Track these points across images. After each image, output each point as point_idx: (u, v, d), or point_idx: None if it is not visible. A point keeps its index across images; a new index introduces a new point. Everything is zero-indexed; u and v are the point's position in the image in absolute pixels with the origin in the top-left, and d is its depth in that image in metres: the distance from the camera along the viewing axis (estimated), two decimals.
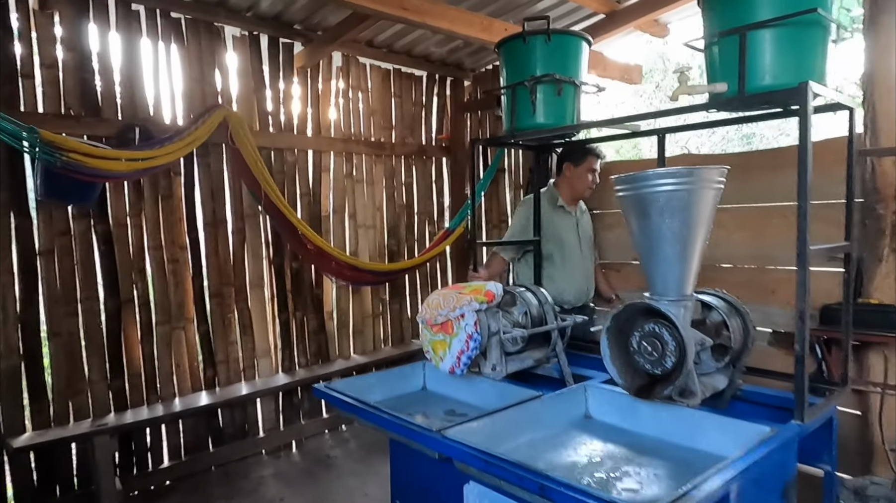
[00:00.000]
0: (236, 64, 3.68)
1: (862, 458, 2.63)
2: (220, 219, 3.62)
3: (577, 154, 3.04)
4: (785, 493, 1.63)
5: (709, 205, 1.74)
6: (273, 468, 3.63)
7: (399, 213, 4.62)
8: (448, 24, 3.29)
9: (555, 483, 1.30)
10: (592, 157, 3.03)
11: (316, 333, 4.11)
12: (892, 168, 2.54)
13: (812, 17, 1.67)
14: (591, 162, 3.03)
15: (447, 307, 2.08)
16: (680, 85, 1.85)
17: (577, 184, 3.06)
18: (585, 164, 3.02)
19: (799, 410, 1.67)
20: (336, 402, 2.10)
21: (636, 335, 1.80)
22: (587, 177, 3.03)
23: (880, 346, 2.55)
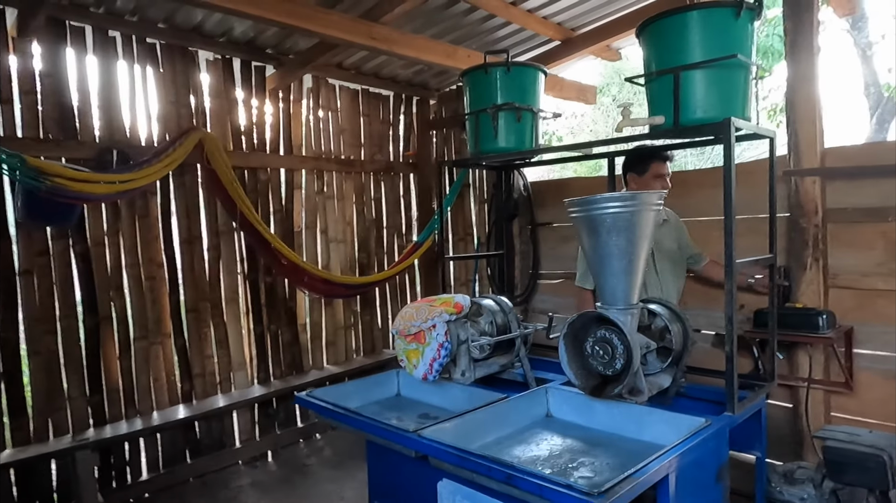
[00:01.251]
0: (210, 86, 3.80)
1: (793, 446, 2.91)
2: (195, 236, 3.73)
3: (640, 163, 2.75)
4: (719, 476, 1.87)
5: (649, 224, 1.98)
6: (251, 477, 3.73)
7: (369, 227, 4.78)
8: (414, 52, 3.50)
9: (519, 472, 1.50)
10: (657, 162, 2.71)
11: (290, 345, 4.23)
12: (813, 186, 2.85)
13: (734, 61, 1.94)
14: (656, 168, 2.70)
15: (420, 318, 2.27)
16: (623, 118, 2.10)
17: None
18: (651, 171, 2.70)
19: (730, 403, 1.91)
20: (318, 409, 2.25)
21: (590, 341, 2.02)
22: (655, 184, 2.70)
23: (806, 346, 2.84)
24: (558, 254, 4.12)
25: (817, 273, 2.85)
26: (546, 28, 3.94)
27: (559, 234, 4.10)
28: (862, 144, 5.99)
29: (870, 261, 2.78)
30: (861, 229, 2.79)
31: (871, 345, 2.78)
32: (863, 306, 2.79)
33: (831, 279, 2.86)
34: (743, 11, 1.94)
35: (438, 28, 3.85)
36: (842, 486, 2.28)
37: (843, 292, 2.84)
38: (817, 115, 2.86)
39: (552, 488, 1.41)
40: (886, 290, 2.74)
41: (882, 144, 4.26)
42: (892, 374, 2.73)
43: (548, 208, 4.16)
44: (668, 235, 2.84)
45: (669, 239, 2.85)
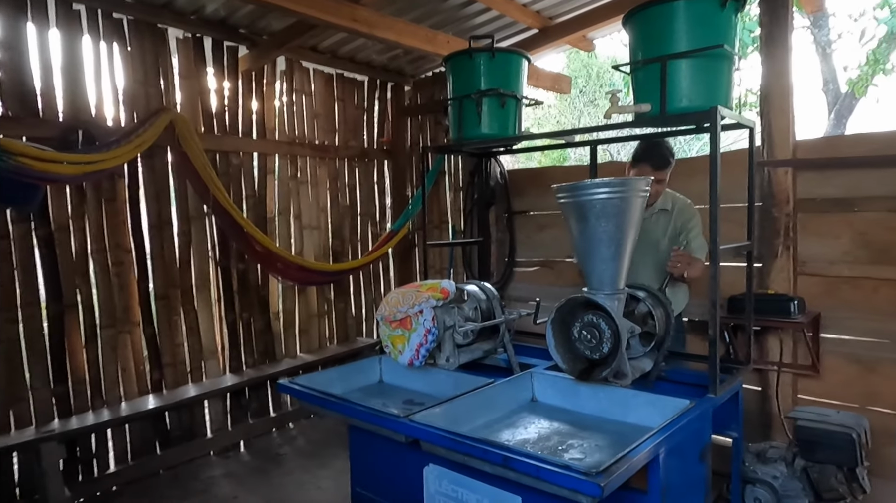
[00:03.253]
0: (180, 66, 3.67)
1: (763, 427, 3.02)
2: (165, 221, 3.61)
3: (634, 157, 2.72)
4: (702, 456, 1.93)
5: (637, 211, 2.00)
6: (223, 468, 3.66)
7: (343, 214, 4.72)
8: (395, 36, 3.45)
9: (516, 454, 1.51)
10: (643, 165, 2.66)
11: (262, 333, 4.16)
12: (785, 177, 2.94)
13: (720, 51, 1.97)
14: (641, 169, 2.67)
15: (406, 304, 2.25)
16: (611, 105, 2.11)
17: None
18: (637, 170, 2.69)
19: (712, 385, 1.97)
20: (302, 396, 2.22)
21: (577, 325, 2.05)
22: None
23: (777, 331, 2.94)
24: (534, 242, 4.15)
25: (787, 260, 2.95)
26: (525, 16, 3.94)
27: (535, 222, 4.13)
28: (830, 137, 6.23)
29: (837, 250, 2.89)
30: (829, 219, 2.90)
31: (837, 329, 2.90)
32: (829, 293, 2.91)
33: (800, 266, 2.97)
34: (728, 2, 1.96)
35: (418, 12, 3.80)
36: (812, 464, 2.38)
37: (811, 279, 2.95)
38: (790, 109, 2.95)
39: (550, 469, 1.42)
40: (852, 278, 2.85)
41: (848, 138, 4.42)
42: (856, 358, 2.85)
43: (524, 196, 4.18)
44: (662, 227, 2.78)
45: (661, 230, 2.79)
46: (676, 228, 2.77)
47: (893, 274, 2.73)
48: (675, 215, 2.76)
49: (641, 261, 2.73)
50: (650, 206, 2.76)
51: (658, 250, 2.74)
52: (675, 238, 2.77)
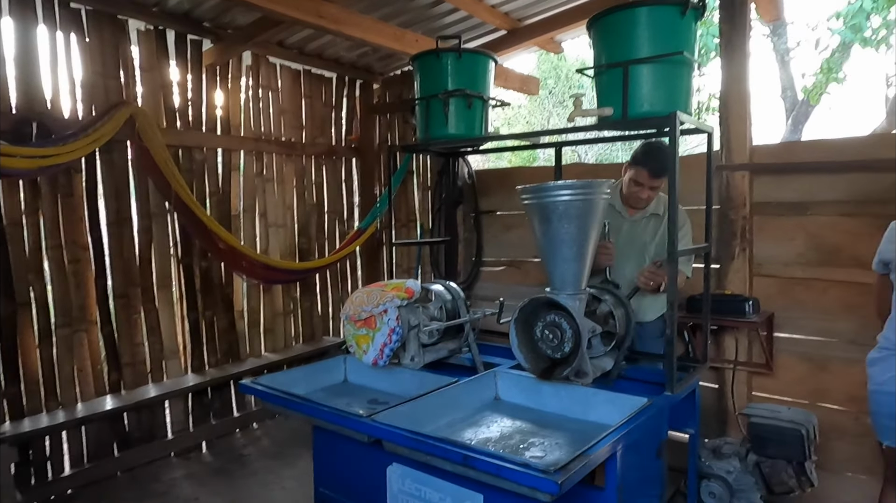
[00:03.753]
0: (141, 58, 3.58)
1: (719, 424, 3.11)
2: (124, 217, 3.52)
3: (631, 159, 2.66)
4: (659, 452, 1.97)
5: (599, 212, 2.04)
6: (184, 469, 3.59)
7: (310, 212, 4.68)
8: (362, 34, 3.43)
9: (476, 453, 1.53)
10: (638, 168, 2.59)
11: (226, 332, 4.09)
12: (742, 181, 3.03)
13: (679, 57, 2.02)
14: (637, 172, 2.59)
15: (371, 304, 2.25)
16: (575, 108, 2.14)
17: (625, 187, 2.71)
18: (633, 172, 2.62)
19: (670, 384, 2.02)
20: (265, 397, 2.20)
21: (539, 325, 2.08)
22: (630, 185, 2.65)
23: (733, 330, 3.03)
24: (501, 242, 4.18)
25: (744, 262, 3.04)
26: (494, 17, 3.96)
27: (502, 221, 4.16)
28: (786, 143, 6.43)
29: (790, 252, 3.00)
30: (783, 222, 3.01)
31: (790, 329, 3.01)
32: (783, 293, 3.01)
33: (756, 268, 3.06)
34: (688, 10, 2.02)
35: (386, 10, 3.78)
36: (764, 459, 2.47)
37: (766, 280, 3.05)
38: (748, 115, 3.04)
39: (509, 467, 1.44)
40: (804, 279, 2.96)
41: (802, 143, 4.57)
42: (807, 356, 2.96)
43: (491, 196, 4.21)
44: (648, 233, 2.73)
45: (647, 235, 2.74)
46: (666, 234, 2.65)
47: (843, 275, 2.84)
48: (653, 226, 2.74)
49: (627, 263, 2.73)
50: (641, 210, 2.73)
51: (645, 254, 2.72)
52: (664, 244, 2.64)
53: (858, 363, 2.81)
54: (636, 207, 2.72)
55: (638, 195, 2.64)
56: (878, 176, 2.76)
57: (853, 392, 2.84)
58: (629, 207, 2.75)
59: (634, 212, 2.74)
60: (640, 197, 2.64)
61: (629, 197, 2.69)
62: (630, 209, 2.75)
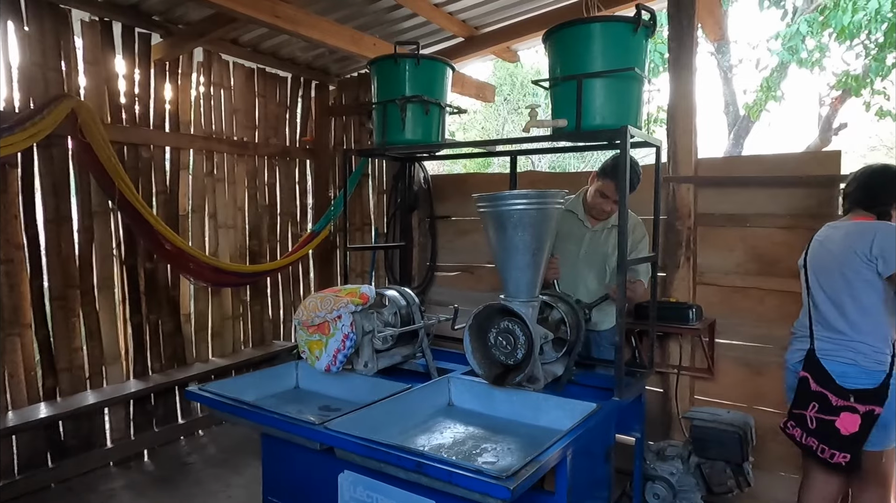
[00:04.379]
0: (85, 50, 3.43)
1: (663, 427, 3.22)
2: (64, 216, 3.36)
3: (600, 168, 2.70)
4: (607, 456, 2.03)
5: (552, 221, 2.09)
6: (124, 479, 3.44)
7: (261, 213, 4.58)
8: (319, 35, 3.39)
9: (429, 460, 1.53)
10: (606, 181, 2.62)
11: (172, 336, 3.96)
12: (687, 193, 3.15)
13: (631, 73, 2.09)
14: (603, 185, 2.63)
15: (325, 309, 2.22)
16: (531, 119, 2.18)
17: (589, 197, 2.74)
18: (599, 183, 2.66)
19: (618, 389, 2.08)
20: (212, 404, 2.14)
21: (493, 331, 2.10)
22: (596, 196, 2.69)
23: (678, 336, 3.15)
24: (456, 247, 4.21)
25: (688, 271, 3.17)
26: (451, 24, 3.99)
27: (457, 227, 4.19)
28: (728, 157, 6.73)
29: (731, 262, 3.13)
30: (725, 233, 3.14)
31: (729, 335, 3.14)
32: (723, 301, 3.15)
33: (699, 276, 3.19)
34: (640, 28, 2.09)
35: (344, 12, 3.76)
36: (705, 460, 2.57)
37: (708, 288, 3.18)
38: (693, 129, 3.16)
39: (462, 474, 1.45)
40: (743, 288, 3.10)
41: (744, 158, 4.80)
42: (745, 362, 3.10)
43: (446, 202, 4.24)
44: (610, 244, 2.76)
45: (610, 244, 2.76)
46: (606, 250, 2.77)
47: (779, 285, 2.99)
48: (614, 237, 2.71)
49: (588, 273, 2.79)
50: (604, 221, 2.78)
51: (606, 264, 2.75)
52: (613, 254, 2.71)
53: None
54: (598, 218, 2.78)
55: (602, 207, 2.69)
56: (812, 191, 2.92)
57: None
58: (591, 218, 2.80)
59: (596, 222, 2.80)
60: (603, 209, 2.70)
61: (593, 207, 2.74)
62: (592, 220, 2.80)
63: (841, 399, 2.18)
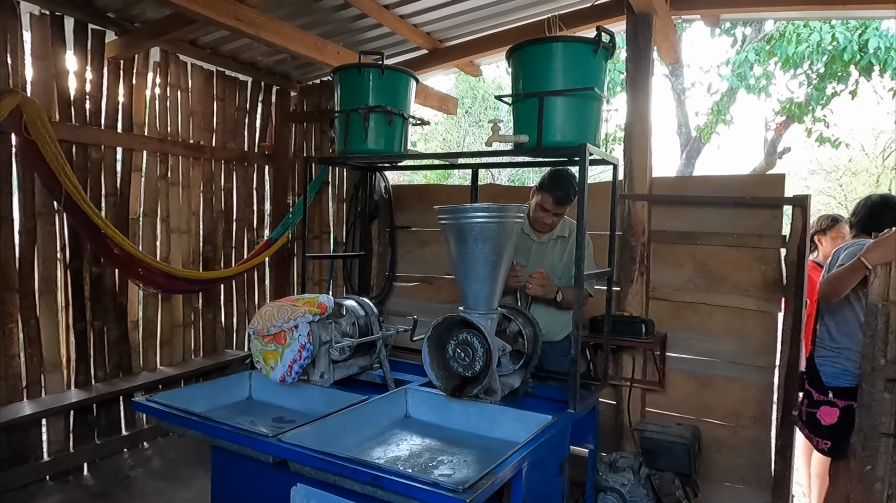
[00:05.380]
0: (33, 45, 3.30)
1: (615, 438, 3.28)
2: (4, 216, 3.19)
3: (540, 183, 2.74)
4: (561, 468, 2.06)
5: (512, 235, 2.12)
6: (60, 494, 3.27)
7: (217, 219, 4.48)
8: (282, 41, 3.36)
9: (385, 473, 1.52)
10: (544, 194, 2.67)
11: (117, 344, 3.80)
12: (642, 210, 3.24)
13: (590, 92, 2.15)
14: (543, 198, 2.68)
15: (281, 318, 2.18)
16: (493, 133, 2.21)
17: (531, 211, 2.78)
18: (539, 197, 2.71)
19: (573, 401, 2.11)
20: (160, 415, 2.07)
21: (452, 343, 2.11)
22: (537, 210, 2.74)
23: (631, 349, 3.22)
24: (415, 258, 4.20)
25: (641, 286, 3.25)
26: (416, 36, 4.02)
27: (417, 237, 4.19)
28: (680, 177, 6.96)
29: (681, 278, 3.24)
30: (676, 250, 3.24)
31: (679, 349, 3.23)
32: (674, 316, 3.24)
33: (652, 291, 3.28)
34: (600, 49, 2.15)
35: (308, 19, 3.73)
36: (655, 472, 2.63)
37: (660, 303, 3.27)
38: (649, 148, 3.27)
39: (418, 487, 1.45)
40: (692, 303, 3.21)
41: (695, 178, 4.98)
42: (693, 375, 3.20)
43: (407, 212, 4.23)
44: (557, 253, 2.84)
45: (556, 256, 2.84)
46: (573, 255, 2.72)
47: (725, 301, 3.11)
48: (572, 242, 2.81)
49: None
50: (548, 233, 2.83)
51: (553, 274, 2.76)
52: (571, 264, 2.76)
53: (737, 381, 3.09)
54: (542, 231, 2.84)
55: (543, 220, 2.74)
56: (757, 211, 3.06)
57: (732, 407, 3.10)
58: (536, 231, 2.85)
59: (541, 234, 2.85)
60: (544, 222, 2.75)
61: (535, 220, 2.79)
62: (537, 233, 2.85)
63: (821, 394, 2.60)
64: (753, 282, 3.06)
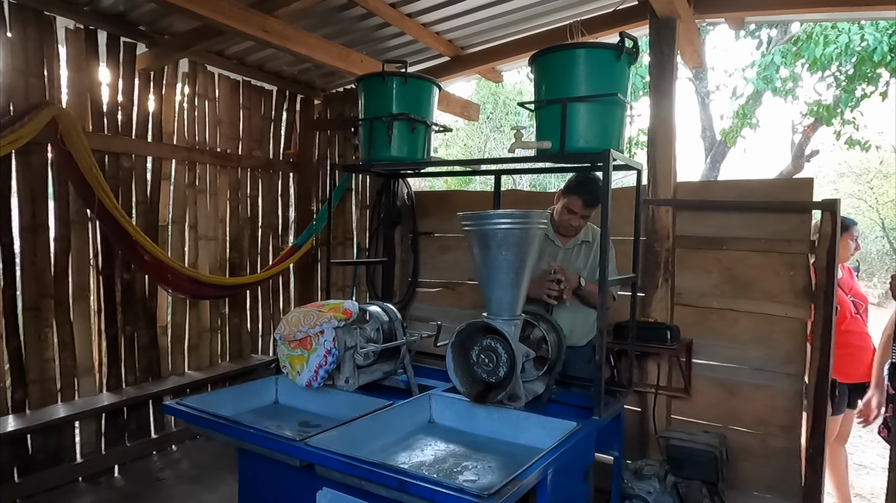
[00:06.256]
0: (68, 58, 3.40)
1: (640, 446, 3.25)
2: (40, 224, 3.30)
3: (565, 186, 2.75)
4: (586, 475, 2.04)
5: (536, 241, 2.12)
6: (92, 495, 3.35)
7: (243, 225, 4.56)
8: (307, 50, 3.42)
9: (411, 477, 1.53)
10: (572, 197, 2.67)
11: (147, 349, 3.89)
12: (667, 215, 3.22)
13: (614, 98, 2.14)
14: (571, 201, 2.67)
15: (307, 324, 2.22)
16: (516, 140, 2.23)
17: (557, 215, 2.77)
18: (567, 200, 2.70)
19: (597, 408, 2.10)
20: (190, 418, 2.11)
21: (476, 349, 2.11)
22: (564, 213, 2.72)
23: (655, 356, 3.19)
24: (437, 264, 4.22)
25: (666, 292, 3.22)
26: (438, 43, 4.05)
27: (440, 243, 4.21)
28: (705, 181, 6.88)
29: (707, 283, 3.20)
30: (701, 255, 3.21)
31: (705, 355, 3.19)
32: (700, 322, 3.20)
33: (677, 297, 3.24)
34: (623, 55, 2.15)
35: (331, 29, 3.79)
36: (681, 480, 2.60)
37: (685, 309, 3.23)
38: (673, 153, 3.24)
39: (444, 492, 1.46)
40: (719, 309, 3.17)
41: (720, 183, 4.91)
42: (720, 382, 3.16)
43: (429, 218, 4.26)
44: (584, 260, 2.83)
45: (584, 262, 2.83)
46: (595, 260, 2.80)
47: (752, 307, 3.06)
48: (596, 247, 2.81)
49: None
50: (573, 238, 2.83)
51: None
52: (593, 269, 2.80)
53: (765, 388, 3.04)
54: (567, 235, 2.83)
55: (570, 223, 2.73)
56: (783, 216, 3.01)
57: (760, 415, 3.05)
58: (561, 236, 2.84)
59: (566, 240, 2.84)
60: (571, 225, 2.74)
61: (561, 224, 2.77)
62: (562, 237, 2.84)
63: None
64: (781, 288, 3.01)
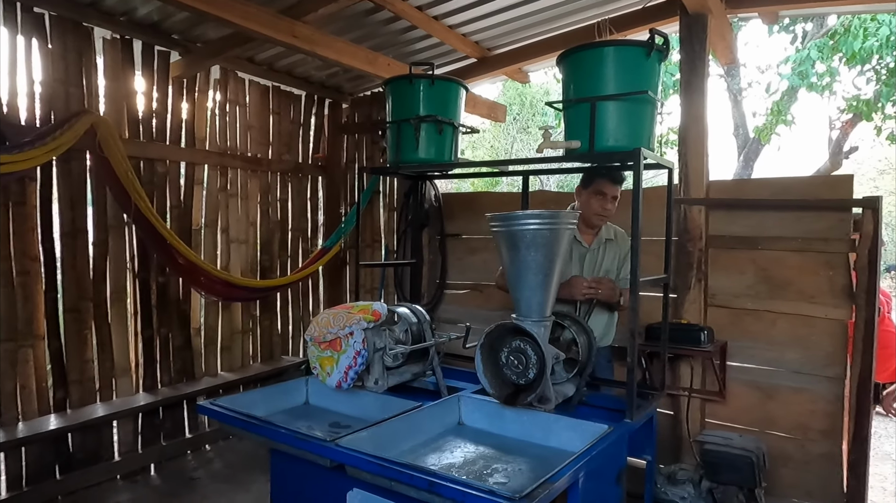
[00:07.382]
0: (106, 67, 3.51)
1: (674, 450, 3.18)
2: (80, 229, 3.40)
3: (588, 176, 2.71)
4: (619, 479, 2.01)
5: (565, 241, 2.10)
6: (130, 493, 3.44)
7: (273, 229, 4.62)
8: (335, 55, 3.45)
9: (442, 479, 1.53)
10: (602, 180, 2.63)
11: (181, 350, 3.97)
12: (699, 214, 3.16)
13: (644, 96, 2.11)
14: (598, 184, 2.64)
15: (337, 325, 2.23)
16: (544, 140, 2.21)
17: (585, 209, 2.70)
18: (593, 187, 2.66)
19: (630, 411, 2.06)
20: (223, 418, 2.14)
21: (505, 351, 2.10)
22: (594, 200, 2.66)
23: (688, 358, 3.13)
24: (465, 265, 4.22)
25: (699, 293, 3.16)
26: (465, 45, 4.05)
27: (467, 245, 4.21)
28: (738, 180, 6.73)
29: (742, 284, 3.12)
30: (736, 255, 3.14)
31: (741, 358, 3.12)
32: (734, 323, 3.13)
33: (710, 298, 3.18)
34: (653, 52, 2.12)
35: (358, 33, 3.83)
36: (717, 485, 2.54)
37: (719, 310, 3.16)
38: (705, 152, 3.18)
39: (475, 494, 1.45)
40: (754, 310, 3.09)
41: (754, 181, 4.80)
42: (756, 385, 3.08)
43: (457, 220, 4.26)
44: (611, 259, 2.80)
45: (611, 262, 2.80)
46: (621, 258, 2.78)
47: (789, 308, 2.98)
48: (620, 244, 2.79)
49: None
50: (596, 237, 2.78)
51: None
52: (616, 269, 2.78)
53: (804, 392, 2.95)
54: (596, 226, 2.76)
55: (603, 207, 2.65)
56: (821, 214, 2.92)
57: (799, 420, 2.97)
58: (585, 233, 2.78)
59: (591, 239, 2.79)
60: (605, 208, 2.64)
61: (590, 217, 2.70)
62: (586, 237, 2.78)
63: None
64: (820, 289, 2.93)
